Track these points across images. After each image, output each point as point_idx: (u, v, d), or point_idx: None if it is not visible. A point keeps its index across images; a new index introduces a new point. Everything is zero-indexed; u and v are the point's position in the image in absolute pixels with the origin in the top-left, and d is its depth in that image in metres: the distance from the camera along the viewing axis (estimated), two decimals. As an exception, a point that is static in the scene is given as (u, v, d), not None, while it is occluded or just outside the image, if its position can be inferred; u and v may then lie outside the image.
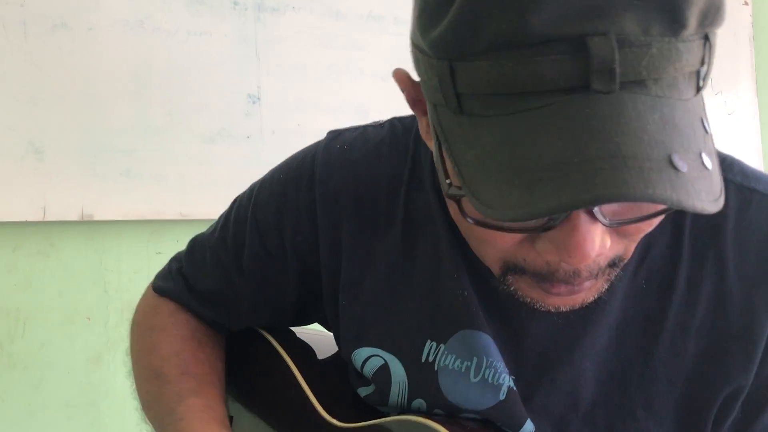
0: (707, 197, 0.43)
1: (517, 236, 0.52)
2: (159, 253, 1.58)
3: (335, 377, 0.79)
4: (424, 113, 0.57)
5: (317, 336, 0.87)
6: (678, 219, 0.64)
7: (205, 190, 1.58)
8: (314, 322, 0.82)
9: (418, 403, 0.69)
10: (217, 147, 1.59)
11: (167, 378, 0.77)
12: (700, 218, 0.63)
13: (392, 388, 0.70)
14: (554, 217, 0.48)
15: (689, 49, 0.45)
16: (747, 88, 2.09)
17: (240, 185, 1.75)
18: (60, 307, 1.53)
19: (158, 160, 1.55)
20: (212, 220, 1.56)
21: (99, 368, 1.54)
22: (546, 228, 0.49)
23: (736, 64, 2.09)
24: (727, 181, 0.62)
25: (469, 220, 0.51)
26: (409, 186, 0.69)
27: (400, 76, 0.57)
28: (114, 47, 1.54)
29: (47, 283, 1.53)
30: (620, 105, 0.43)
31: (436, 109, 0.51)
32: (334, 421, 0.75)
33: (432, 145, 0.56)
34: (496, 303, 0.65)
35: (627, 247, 0.55)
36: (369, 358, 0.70)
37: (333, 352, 0.83)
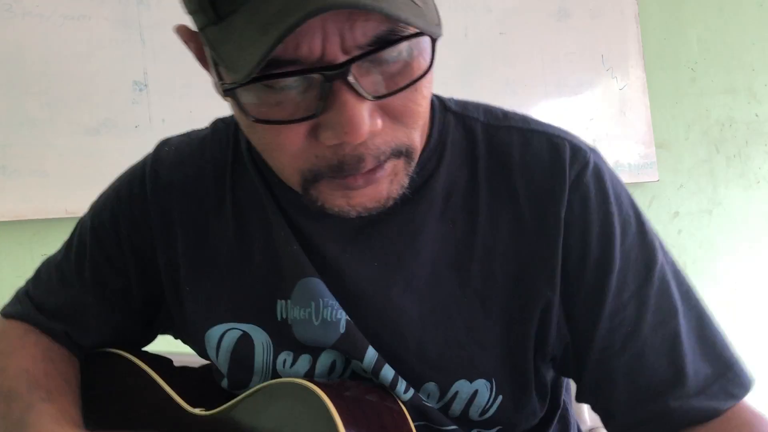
0: (415, 18, 0.51)
1: (301, 132, 0.56)
2: (44, 255, 1.46)
3: (196, 376, 0.80)
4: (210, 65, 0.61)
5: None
6: (473, 166, 0.71)
7: (92, 185, 1.44)
8: (162, 332, 0.85)
9: (285, 355, 0.73)
10: (102, 138, 1.51)
11: (15, 394, 0.75)
12: (492, 161, 0.71)
13: (256, 351, 0.73)
14: (324, 96, 0.54)
15: None
16: (635, 64, 2.16)
17: None
18: None
19: (38, 154, 1.46)
20: None
21: None
22: (320, 112, 0.54)
23: (624, 40, 2.16)
24: (510, 128, 0.71)
25: (250, 118, 0.56)
26: (234, 171, 0.75)
27: (182, 30, 0.61)
28: None
29: None
30: None
31: (205, 33, 0.56)
32: (198, 411, 0.76)
33: (219, 90, 0.59)
34: (317, 252, 0.71)
35: (408, 136, 0.60)
36: (224, 334, 0.73)
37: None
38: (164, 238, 0.75)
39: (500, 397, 0.70)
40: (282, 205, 0.72)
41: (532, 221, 0.69)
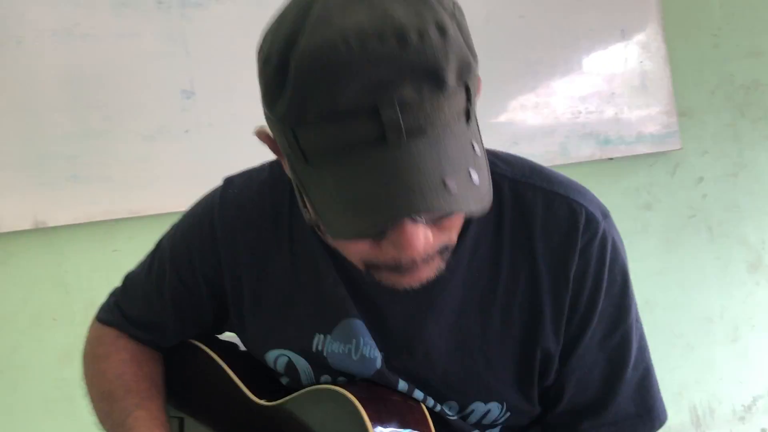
0: (473, 203, 0.62)
1: (366, 243, 0.69)
2: (115, 250, 1.65)
3: (258, 364, 0.94)
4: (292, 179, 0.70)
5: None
6: (499, 221, 0.81)
7: (150, 187, 1.64)
8: (228, 331, 0.99)
9: (325, 378, 0.87)
10: (157, 144, 1.65)
11: (115, 397, 0.93)
12: (516, 219, 0.81)
13: (300, 375, 0.87)
14: (384, 227, 0.64)
15: (454, 100, 0.60)
16: (656, 36, 2.19)
17: (183, 178, 1.80)
18: (26, 312, 1.59)
19: (102, 162, 1.60)
20: (160, 214, 1.63)
21: (71, 364, 1.48)
22: (381, 235, 0.66)
23: (644, 13, 2.19)
24: (535, 187, 0.81)
25: (329, 239, 0.69)
26: (290, 217, 0.86)
27: (261, 134, 0.73)
28: (45, 57, 1.58)
29: (10, 290, 1.58)
30: (408, 151, 0.60)
31: (290, 160, 0.67)
32: (262, 402, 0.92)
33: (303, 212, 0.71)
34: (363, 296, 0.84)
35: (450, 237, 0.72)
36: (278, 357, 0.88)
37: None
38: (231, 273, 0.88)
39: (508, 413, 0.84)
40: (332, 254, 0.82)
41: (546, 276, 0.80)
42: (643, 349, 0.85)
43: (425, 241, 0.66)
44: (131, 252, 1.59)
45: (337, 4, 0.61)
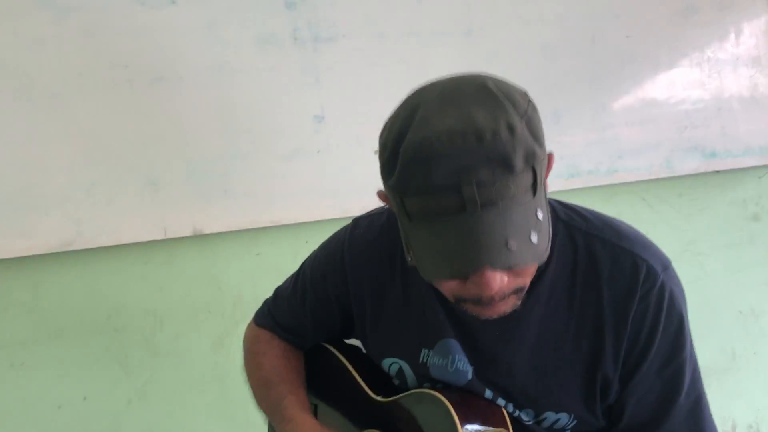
0: (530, 258, 0.79)
1: (456, 282, 0.87)
2: (258, 254, 1.81)
3: (374, 364, 1.14)
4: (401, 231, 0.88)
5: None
6: (573, 268, 0.97)
7: (288, 199, 1.80)
8: (354, 338, 1.19)
9: (426, 385, 1.04)
10: (293, 163, 1.80)
11: (271, 384, 1.14)
12: (588, 267, 0.95)
13: (407, 380, 1.06)
14: (461, 274, 0.82)
15: (521, 179, 0.75)
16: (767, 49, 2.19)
17: (316, 192, 1.98)
18: (186, 305, 1.77)
19: (249, 179, 1.77)
20: (296, 224, 1.81)
21: (221, 350, 1.77)
22: (466, 277, 0.84)
23: (755, 27, 2.19)
24: (605, 241, 0.97)
25: (427, 278, 0.86)
26: (402, 256, 1.06)
27: (381, 195, 0.92)
28: (202, 90, 1.76)
29: (174, 287, 1.76)
30: (482, 218, 0.78)
31: (399, 216, 0.85)
32: (378, 398, 1.11)
33: (407, 255, 0.90)
34: (459, 321, 1.01)
35: (523, 281, 0.88)
36: (391, 364, 1.07)
37: None
38: (357, 296, 1.07)
39: (576, 421, 1.00)
40: (434, 286, 0.97)
41: (610, 318, 0.96)
42: (695, 380, 0.97)
43: (500, 283, 0.82)
44: (272, 255, 1.81)
45: (434, 108, 0.79)
